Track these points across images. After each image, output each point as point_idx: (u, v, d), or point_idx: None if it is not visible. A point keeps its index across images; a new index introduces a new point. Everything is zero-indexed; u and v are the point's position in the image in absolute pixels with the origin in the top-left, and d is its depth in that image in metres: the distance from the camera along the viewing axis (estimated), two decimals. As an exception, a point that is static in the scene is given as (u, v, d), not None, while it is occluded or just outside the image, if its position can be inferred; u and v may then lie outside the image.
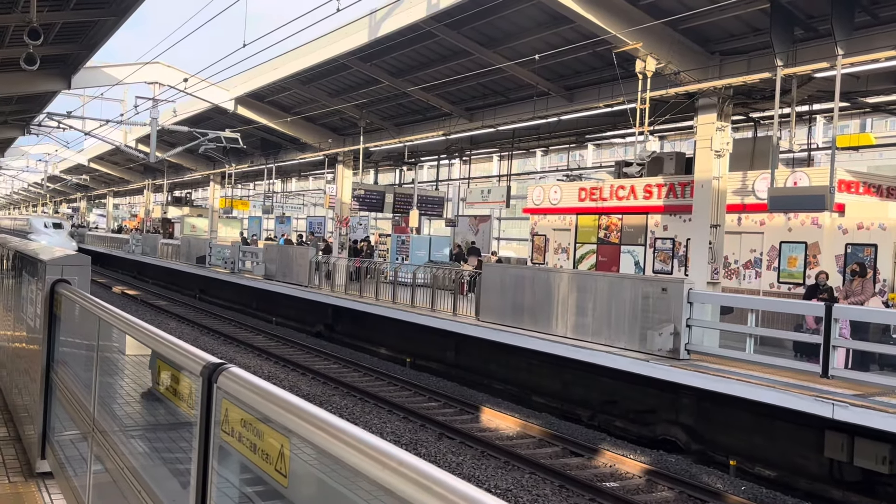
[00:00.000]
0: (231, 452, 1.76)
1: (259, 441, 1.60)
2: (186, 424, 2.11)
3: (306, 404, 1.50)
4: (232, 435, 1.74)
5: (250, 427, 1.64)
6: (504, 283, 14.57)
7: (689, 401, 11.15)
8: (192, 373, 2.01)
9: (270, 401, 1.57)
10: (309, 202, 42.18)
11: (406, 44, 18.37)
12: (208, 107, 26.81)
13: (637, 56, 13.64)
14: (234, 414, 1.74)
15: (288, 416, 1.49)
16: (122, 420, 3.23)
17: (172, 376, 2.22)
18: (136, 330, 2.60)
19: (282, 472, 1.50)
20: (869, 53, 11.24)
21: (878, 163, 20.07)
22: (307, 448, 1.43)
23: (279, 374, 14.97)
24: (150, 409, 2.95)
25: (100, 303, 3.27)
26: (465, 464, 9.61)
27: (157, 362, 2.36)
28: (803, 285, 13.54)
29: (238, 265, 26.43)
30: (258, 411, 1.61)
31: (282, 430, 1.51)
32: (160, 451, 2.65)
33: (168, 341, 2.27)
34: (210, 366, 1.90)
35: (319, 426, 1.40)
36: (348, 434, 1.34)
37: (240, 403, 1.70)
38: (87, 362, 3.55)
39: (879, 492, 8.96)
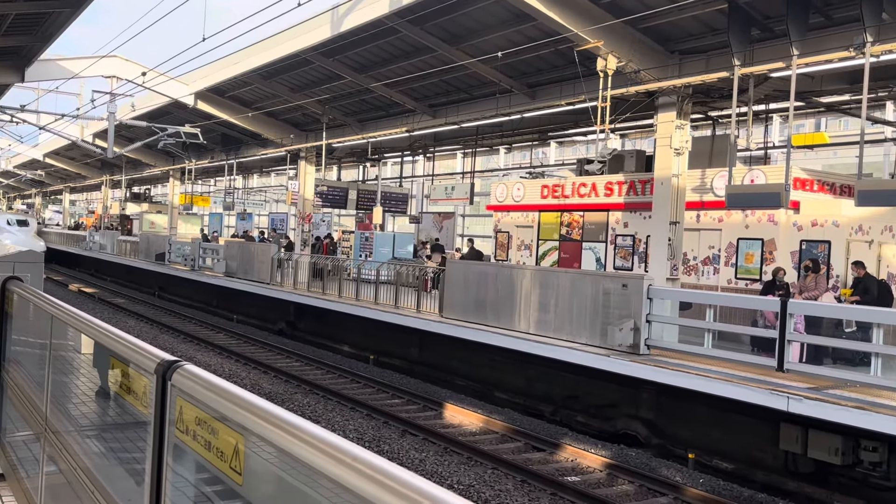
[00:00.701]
0: (186, 451, 1.73)
1: (214, 439, 1.58)
2: (141, 423, 2.07)
3: (262, 401, 1.48)
4: (187, 433, 1.72)
5: (205, 425, 1.62)
6: (467, 280, 14.60)
7: (648, 395, 11.30)
8: (146, 370, 1.98)
9: (225, 398, 1.55)
10: (271, 198, 41.77)
11: (369, 39, 18.28)
12: (167, 101, 26.38)
13: (598, 54, 13.76)
14: (188, 412, 1.72)
15: (243, 414, 1.47)
16: (77, 420, 3.17)
17: (127, 374, 2.18)
18: (88, 327, 2.54)
19: (237, 469, 1.49)
20: (823, 54, 11.49)
21: (832, 161, 20.54)
22: (263, 446, 1.42)
23: (240, 373, 14.82)
24: (104, 408, 2.89)
25: (52, 300, 3.20)
26: (428, 460, 9.62)
27: (111, 360, 2.32)
28: (760, 281, 13.81)
29: (198, 262, 26.07)
30: (213, 409, 1.59)
31: (237, 427, 1.49)
32: (115, 450, 2.61)
33: (122, 338, 2.23)
34: (164, 363, 1.87)
35: (275, 423, 1.39)
36: (304, 431, 1.33)
37: (194, 401, 1.68)
38: (40, 361, 3.47)
39: (832, 482, 9.19)
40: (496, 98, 18.89)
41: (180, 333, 19.61)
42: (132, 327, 20.13)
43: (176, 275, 27.08)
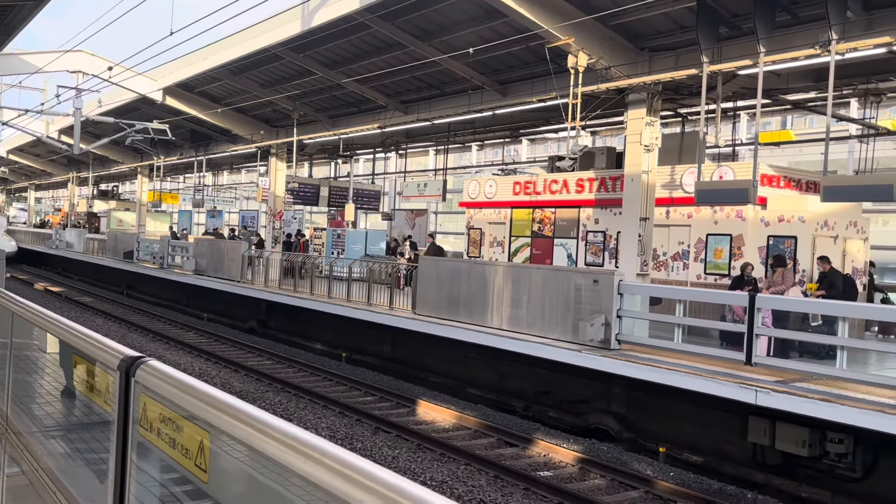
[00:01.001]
0: (151, 449, 1.70)
1: (179, 436, 1.55)
2: (106, 422, 2.03)
3: (228, 397, 1.46)
4: (151, 430, 1.68)
5: (169, 422, 1.59)
6: (440, 277, 14.59)
7: (620, 390, 11.38)
8: (109, 367, 1.94)
9: (190, 394, 1.52)
10: (241, 195, 41.38)
11: (340, 35, 18.17)
12: (135, 97, 26.01)
13: (569, 51, 13.82)
14: (152, 409, 1.68)
15: (208, 410, 1.44)
16: (41, 420, 3.10)
17: (89, 371, 2.13)
18: (50, 324, 2.49)
19: (202, 467, 1.46)
20: (789, 52, 11.65)
21: (797, 158, 20.80)
22: (229, 443, 1.39)
23: (210, 371, 14.67)
24: (68, 407, 2.83)
25: (12, 296, 3.13)
26: (401, 457, 9.59)
27: (73, 357, 2.27)
28: (728, 276, 13.97)
29: (167, 260, 25.76)
30: (177, 405, 1.56)
31: (202, 423, 1.46)
32: (80, 450, 2.55)
33: (84, 335, 2.18)
34: (128, 359, 1.83)
35: (241, 419, 1.36)
36: (271, 427, 1.30)
37: (159, 398, 1.65)
38: (1, 361, 3.39)
39: (799, 474, 9.33)
40: (468, 95, 18.91)
41: (149, 332, 19.36)
42: (100, 326, 19.82)
43: (145, 273, 26.72)
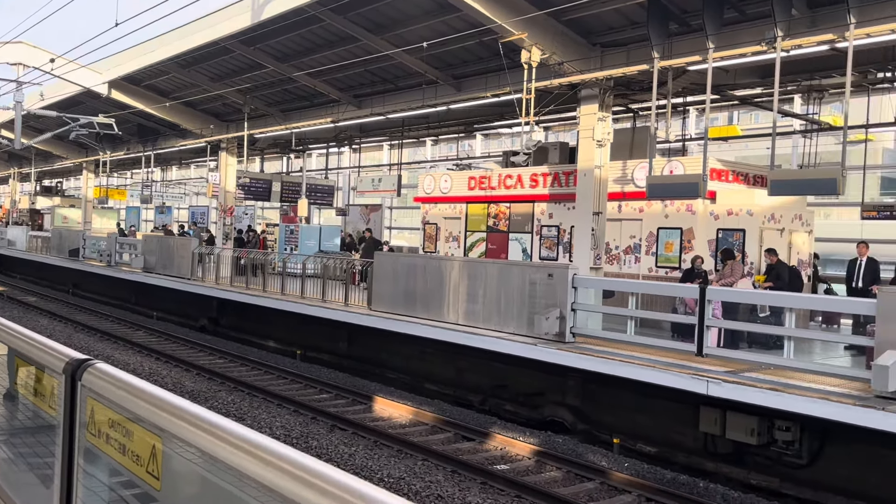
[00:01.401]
0: (99, 455, 1.63)
1: (129, 442, 1.49)
2: (50, 426, 1.95)
3: (180, 401, 1.40)
4: (99, 436, 1.61)
5: (119, 427, 1.53)
6: (396, 272, 14.53)
7: (574, 382, 11.49)
8: (54, 370, 1.85)
9: (140, 398, 1.46)
10: (191, 191, 40.61)
11: (291, 27, 17.92)
12: (80, 90, 25.27)
13: (522, 46, 13.86)
14: (100, 413, 1.61)
15: (159, 414, 1.38)
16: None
17: (34, 375, 2.04)
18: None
19: (154, 474, 1.40)
20: (737, 48, 11.88)
21: (744, 153, 21.27)
22: (183, 447, 1.33)
23: (161, 371, 14.36)
24: (11, 412, 2.72)
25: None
26: (358, 454, 9.53)
27: (15, 360, 2.17)
28: (679, 269, 14.22)
29: (115, 258, 25.17)
30: (127, 410, 1.50)
31: (153, 428, 1.41)
32: (25, 455, 2.45)
33: (27, 337, 2.09)
34: (74, 362, 1.76)
35: (194, 423, 1.31)
36: (225, 430, 1.25)
37: (107, 402, 1.58)
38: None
39: (748, 462, 9.54)
40: (422, 89, 18.85)
41: (97, 332, 18.88)
42: (44, 326, 19.25)
43: (91, 271, 26.08)
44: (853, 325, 12.32)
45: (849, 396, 8.22)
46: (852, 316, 12.23)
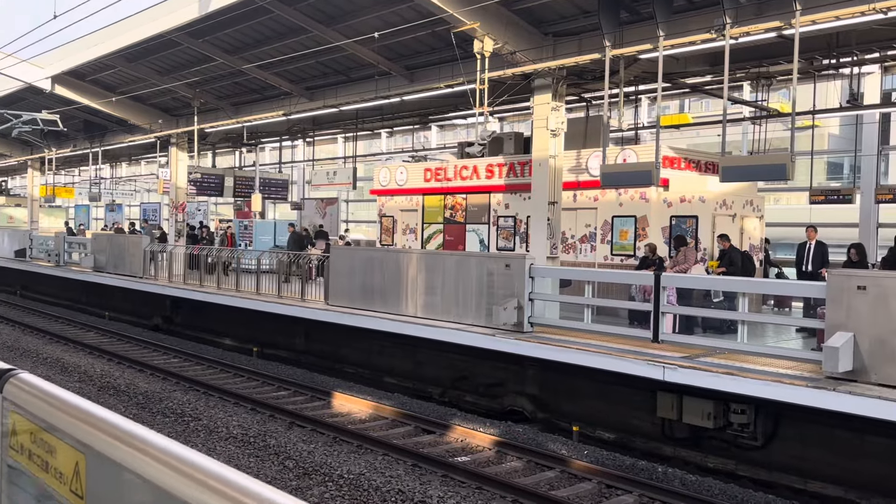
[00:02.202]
0: (24, 473, 1.52)
1: (51, 458, 1.39)
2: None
3: (104, 412, 1.31)
4: (21, 452, 1.51)
5: (42, 442, 1.42)
6: (353, 266, 14.40)
7: (533, 371, 11.54)
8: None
9: (61, 409, 1.36)
10: (142, 188, 39.72)
11: (239, 19, 17.57)
12: (21, 86, 24.47)
13: (475, 36, 13.79)
14: (23, 427, 1.51)
15: (82, 427, 1.29)
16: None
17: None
18: None
19: (77, 493, 1.31)
20: (686, 36, 11.98)
21: (695, 141, 21.56)
22: (108, 464, 1.24)
23: (114, 372, 14.03)
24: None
25: None
26: (317, 451, 9.42)
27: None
28: (634, 257, 14.35)
29: (63, 257, 24.53)
30: (48, 423, 1.40)
31: (75, 444, 1.31)
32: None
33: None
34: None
35: (118, 437, 1.22)
36: (151, 445, 1.17)
37: (29, 415, 1.47)
38: None
39: (705, 445, 9.68)
40: (375, 81, 18.66)
41: (46, 334, 18.37)
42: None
43: (39, 272, 25.41)
44: (804, 308, 12.60)
45: (801, 378, 8.38)
46: (803, 299, 12.50)
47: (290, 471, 8.70)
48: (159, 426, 10.42)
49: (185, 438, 9.84)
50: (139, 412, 11.18)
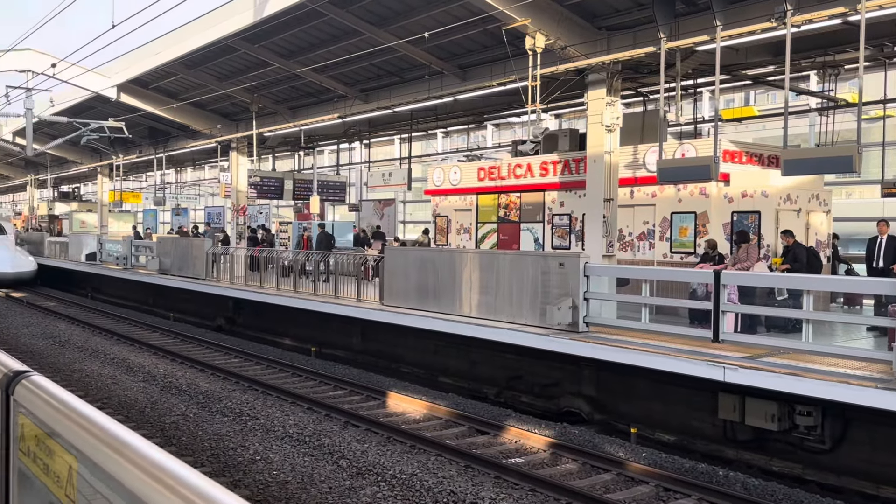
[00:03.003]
0: (29, 476, 1.51)
1: (51, 461, 1.37)
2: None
3: (100, 416, 1.27)
4: (28, 455, 1.49)
5: (43, 445, 1.41)
6: (407, 266, 14.43)
7: (590, 372, 11.34)
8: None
9: (61, 413, 1.34)
10: (206, 192, 40.76)
11: (294, 23, 17.81)
12: (89, 95, 25.35)
13: (526, 33, 13.65)
14: (29, 430, 1.49)
15: (76, 432, 1.26)
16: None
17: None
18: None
19: (71, 497, 1.28)
20: (745, 25, 11.60)
21: (762, 134, 20.95)
22: (97, 470, 1.21)
23: (176, 372, 14.36)
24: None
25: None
26: (371, 450, 9.43)
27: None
28: (695, 254, 13.98)
29: (131, 261, 25.30)
30: (48, 426, 1.38)
31: (70, 448, 1.28)
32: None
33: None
34: (9, 374, 1.64)
35: (109, 444, 1.18)
36: (139, 454, 1.12)
37: (34, 418, 1.46)
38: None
39: (769, 448, 9.35)
40: (427, 81, 18.67)
41: (114, 335, 18.94)
42: (62, 330, 19.38)
43: (109, 275, 26.24)
44: (875, 306, 12.05)
45: (871, 379, 8.01)
46: (874, 296, 11.96)
47: (344, 470, 8.73)
48: (218, 425, 10.61)
49: (243, 437, 9.98)
50: (199, 411, 11.40)
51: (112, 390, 12.80)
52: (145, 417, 11.09)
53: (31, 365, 11.46)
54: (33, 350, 16.64)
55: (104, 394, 12.55)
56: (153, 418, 11.02)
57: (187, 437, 10.02)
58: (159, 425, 10.64)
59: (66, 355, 16.03)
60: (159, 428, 10.51)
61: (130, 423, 10.58)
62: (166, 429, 10.45)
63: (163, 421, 10.84)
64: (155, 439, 9.65)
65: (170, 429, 10.45)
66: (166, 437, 10.06)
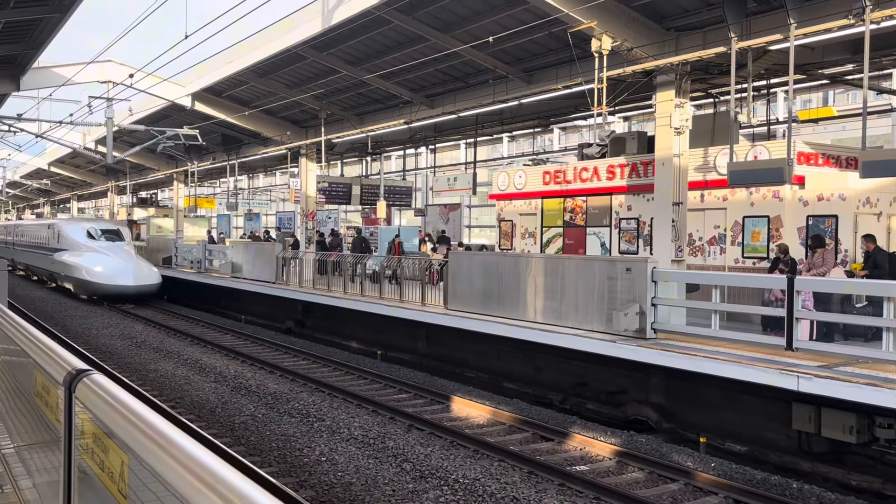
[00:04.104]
0: (89, 471, 1.56)
1: (106, 458, 1.41)
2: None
3: (154, 417, 1.31)
4: (87, 451, 1.55)
5: (100, 442, 1.45)
6: (472, 271, 14.43)
7: (657, 380, 11.10)
8: (57, 381, 1.81)
9: (115, 411, 1.38)
10: (277, 197, 41.71)
11: (361, 31, 18.07)
12: (165, 104, 26.26)
13: (592, 35, 13.49)
14: (88, 427, 1.55)
15: (128, 430, 1.29)
16: (36, 435, 3.01)
17: (44, 386, 2.01)
18: (13, 330, 2.38)
19: (123, 493, 1.32)
20: (821, 23, 11.19)
21: (841, 135, 20.21)
22: (145, 468, 1.24)
23: (245, 373, 14.71)
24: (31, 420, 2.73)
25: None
26: (434, 454, 9.45)
27: (35, 372, 2.15)
28: (767, 259, 13.54)
29: (205, 264, 26.05)
30: (104, 423, 1.42)
31: (122, 445, 1.32)
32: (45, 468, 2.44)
33: (39, 343, 2.06)
34: (72, 373, 1.70)
35: (158, 444, 1.21)
36: (186, 454, 1.14)
37: (92, 415, 1.51)
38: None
39: (847, 461, 8.98)
40: (492, 85, 18.65)
41: (188, 336, 19.53)
42: (138, 332, 20.08)
43: (183, 278, 27.06)
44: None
45: (957, 391, 7.59)
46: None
47: (408, 473, 8.78)
48: (286, 425, 10.81)
49: (309, 438, 10.14)
50: (267, 412, 11.64)
51: (185, 390, 13.18)
52: (216, 417, 11.39)
53: (109, 364, 11.99)
54: (112, 350, 17.30)
55: (177, 393, 12.95)
56: (223, 418, 11.30)
57: (256, 437, 10.24)
58: (229, 425, 10.90)
59: (143, 356, 16.61)
60: (229, 427, 10.77)
61: (201, 423, 10.89)
62: (236, 428, 10.71)
63: (232, 421, 11.11)
64: (224, 438, 9.91)
65: (239, 429, 10.70)
66: (235, 436, 10.31)
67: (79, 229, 26.59)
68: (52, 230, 28.34)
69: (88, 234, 25.89)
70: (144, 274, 24.68)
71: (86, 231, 26.15)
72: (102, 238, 25.82)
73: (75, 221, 29.76)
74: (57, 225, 28.45)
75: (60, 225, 28.14)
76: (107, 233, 26.15)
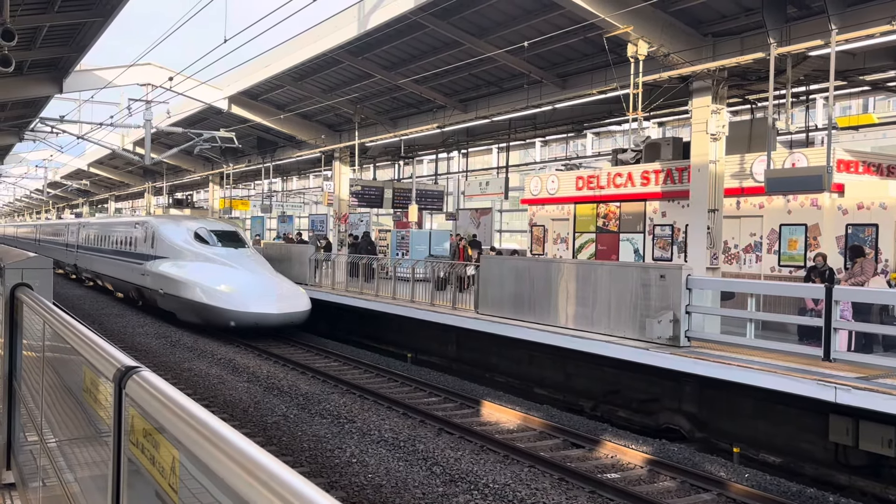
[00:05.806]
0: (139, 466, 1.61)
1: (156, 453, 1.45)
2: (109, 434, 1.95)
3: (203, 413, 1.34)
4: (137, 446, 1.59)
5: (150, 438, 1.49)
6: (503, 276, 14.42)
7: (691, 388, 10.99)
8: (107, 378, 1.86)
9: (166, 407, 1.42)
10: (310, 200, 42.06)
11: (396, 36, 18.17)
12: (202, 107, 26.67)
13: (628, 40, 13.42)
14: (138, 423, 1.59)
15: (179, 426, 1.33)
16: (81, 429, 3.08)
17: (93, 382, 2.07)
18: (63, 328, 2.45)
19: (174, 487, 1.35)
20: (863, 29, 11.00)
21: (882, 143, 19.86)
22: (197, 464, 1.27)
23: (278, 374, 14.85)
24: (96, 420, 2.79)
25: (47, 304, 3.13)
26: (464, 459, 9.46)
27: (84, 370, 2.21)
28: (804, 268, 13.34)
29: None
30: (155, 419, 1.46)
31: (173, 441, 1.36)
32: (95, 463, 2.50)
33: (89, 342, 2.12)
34: (121, 370, 1.75)
35: (209, 439, 1.24)
36: (237, 450, 1.17)
37: (142, 411, 1.55)
38: (39, 370, 3.41)
39: (885, 475, 8.80)
40: (526, 90, 18.63)
41: (221, 337, 19.76)
42: (173, 331, 20.35)
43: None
44: None
45: None
46: None
47: (437, 476, 8.79)
48: (317, 426, 10.89)
49: (340, 440, 10.21)
50: (299, 412, 11.74)
51: (218, 389, 13.35)
52: (248, 417, 11.51)
53: (145, 363, 12.11)
54: (147, 349, 17.57)
55: (211, 392, 13.11)
56: (256, 418, 11.42)
57: (287, 437, 10.33)
58: (261, 425, 11.02)
59: (177, 354, 16.84)
60: (261, 427, 10.89)
61: (234, 422, 11.02)
62: (268, 428, 10.82)
63: (265, 421, 11.23)
64: (257, 438, 10.02)
65: (271, 428, 10.81)
66: (268, 436, 10.42)
67: (183, 230, 19.60)
68: (144, 230, 21.11)
69: (197, 237, 19.08)
70: (288, 295, 17.70)
71: (193, 232, 19.24)
72: (218, 243, 18.99)
73: (174, 219, 22.07)
74: (151, 224, 21.00)
75: (155, 224, 20.77)
76: (222, 235, 19.20)
